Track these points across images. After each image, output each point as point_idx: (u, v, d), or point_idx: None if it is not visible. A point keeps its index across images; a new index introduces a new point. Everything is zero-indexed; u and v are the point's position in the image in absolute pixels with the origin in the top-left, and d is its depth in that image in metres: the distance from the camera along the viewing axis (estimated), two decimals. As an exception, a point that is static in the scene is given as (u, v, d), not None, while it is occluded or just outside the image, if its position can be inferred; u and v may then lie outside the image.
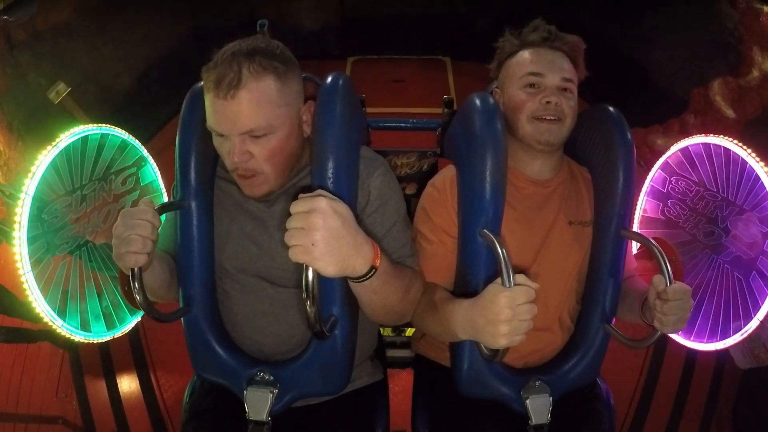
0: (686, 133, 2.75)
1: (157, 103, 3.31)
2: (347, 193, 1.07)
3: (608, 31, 3.39)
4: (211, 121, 1.05)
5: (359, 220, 1.09)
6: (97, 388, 2.35)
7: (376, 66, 4.17)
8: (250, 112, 1.01)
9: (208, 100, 1.04)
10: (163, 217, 1.19)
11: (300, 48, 1.12)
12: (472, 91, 1.22)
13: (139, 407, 2.34)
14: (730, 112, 2.66)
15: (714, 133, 1.48)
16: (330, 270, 0.88)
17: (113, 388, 2.37)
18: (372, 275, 0.95)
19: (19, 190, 1.35)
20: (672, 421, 2.31)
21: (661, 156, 1.63)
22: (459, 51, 4.29)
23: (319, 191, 0.89)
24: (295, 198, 0.88)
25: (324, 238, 0.85)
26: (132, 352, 2.45)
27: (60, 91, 2.53)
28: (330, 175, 1.06)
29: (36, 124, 2.37)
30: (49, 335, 1.41)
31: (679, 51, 2.94)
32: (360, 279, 0.96)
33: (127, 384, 2.40)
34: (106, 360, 2.41)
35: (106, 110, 2.88)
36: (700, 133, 1.52)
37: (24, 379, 2.14)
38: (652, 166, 1.65)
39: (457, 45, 4.29)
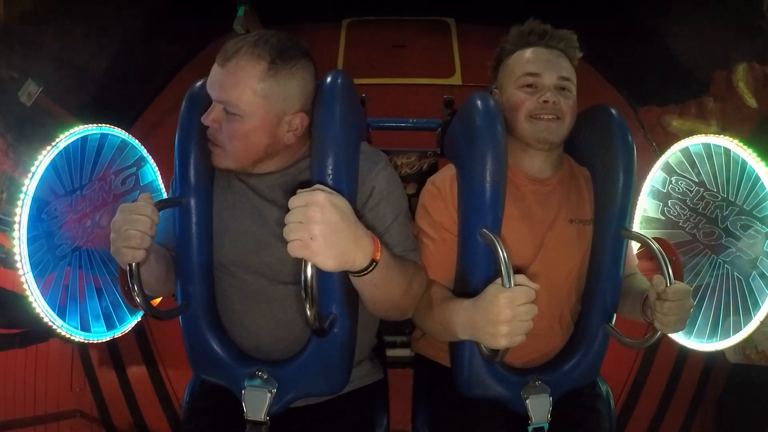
0: (704, 118, 2.66)
1: (138, 80, 3.19)
2: (347, 188, 1.07)
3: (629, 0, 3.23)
4: (207, 83, 1.09)
5: (360, 215, 1.09)
6: (109, 381, 2.36)
7: (374, 29, 3.88)
8: (228, 85, 1.04)
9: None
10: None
11: (291, 11, 1.13)
12: (477, 58, 1.21)
13: (150, 397, 2.35)
14: (752, 102, 2.52)
15: (733, 121, 1.47)
16: (329, 264, 0.88)
17: (124, 380, 2.38)
18: (373, 269, 0.95)
19: (12, 208, 1.35)
20: (659, 411, 2.35)
21: (674, 138, 1.60)
22: (464, 11, 3.93)
23: (317, 185, 0.89)
24: (294, 193, 0.89)
25: (323, 232, 0.86)
26: (139, 344, 2.46)
27: (31, 92, 2.39)
28: (330, 171, 1.06)
29: (14, 120, 2.31)
30: (54, 332, 1.42)
31: (703, 27, 2.72)
32: (361, 273, 0.96)
33: (137, 376, 2.40)
34: (114, 353, 2.42)
35: (84, 96, 2.77)
36: (719, 120, 1.51)
37: (38, 378, 2.16)
38: (665, 149, 1.63)
39: (462, 4, 3.91)
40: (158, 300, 1.46)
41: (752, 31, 2.54)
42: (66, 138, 1.42)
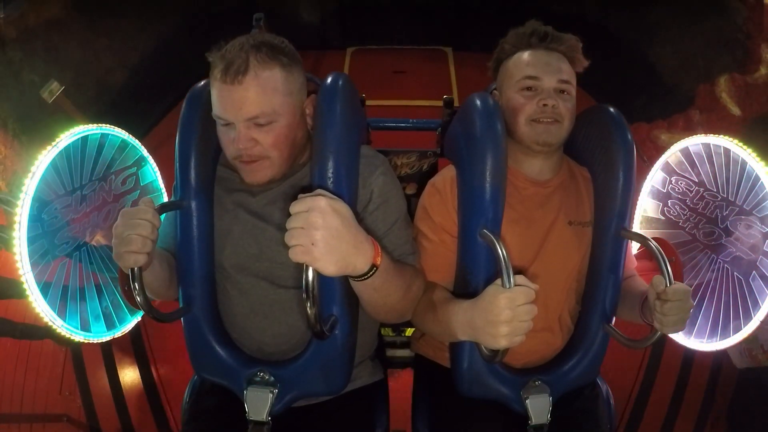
0: (691, 130, 2.75)
1: (152, 96, 3.28)
2: (347, 192, 1.07)
3: (613, 23, 3.31)
4: (217, 108, 1.07)
5: (360, 219, 1.09)
6: (100, 385, 2.36)
7: (376, 56, 4.11)
8: (256, 98, 1.03)
9: (215, 87, 1.06)
10: (164, 214, 1.19)
11: (298, 38, 1.14)
12: (473, 82, 1.22)
13: (141, 404, 2.35)
14: (736, 110, 2.63)
15: (719, 131, 1.48)
16: (330, 269, 0.88)
17: (116, 385, 2.38)
18: (373, 273, 0.96)
19: (16, 195, 1.35)
20: (668, 419, 2.33)
21: (664, 151, 1.62)
22: (461, 41, 4.23)
23: (319, 191, 0.89)
24: (295, 198, 0.89)
25: (324, 237, 0.86)
26: (134, 348, 2.47)
27: (53, 90, 2.48)
28: (330, 174, 1.06)
29: (31, 123, 2.36)
30: (51, 333, 1.42)
31: (685, 45, 2.87)
32: (361, 277, 0.96)
33: (130, 381, 2.41)
34: (108, 357, 2.42)
35: (100, 106, 2.85)
36: (705, 130, 1.52)
37: (27, 377, 2.16)
38: (655, 162, 1.64)
39: (458, 35, 4.21)
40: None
41: (731, 44, 2.65)
42: (66, 138, 1.42)
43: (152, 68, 3.29)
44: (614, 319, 1.26)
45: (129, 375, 2.41)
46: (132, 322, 1.61)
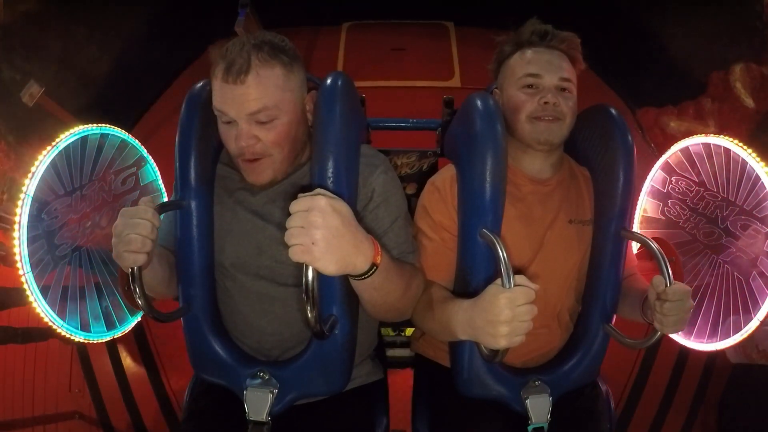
0: (701, 119, 2.66)
1: (139, 84, 3.22)
2: (347, 191, 1.07)
3: (624, 2, 3.14)
4: (219, 104, 1.08)
5: (360, 218, 1.09)
6: (108, 382, 2.38)
7: (374, 32, 3.90)
8: (257, 94, 1.04)
9: (217, 85, 1.07)
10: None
11: (291, 14, 1.13)
12: (476, 60, 1.20)
13: (149, 399, 2.37)
14: (749, 102, 2.53)
15: (731, 122, 1.47)
16: (330, 268, 0.88)
17: (123, 381, 2.40)
18: (373, 273, 0.96)
19: (9, 207, 1.35)
20: (661, 410, 2.36)
21: (672, 139, 1.60)
22: (463, 15, 3.98)
23: (319, 190, 0.89)
24: (294, 197, 0.89)
25: (324, 237, 0.86)
26: (138, 345, 2.48)
27: (33, 93, 2.40)
28: (330, 174, 1.06)
29: (16, 123, 2.32)
30: (54, 333, 1.43)
31: (700, 29, 2.73)
32: (361, 276, 0.96)
33: (137, 377, 2.42)
34: (114, 354, 2.44)
35: (86, 98, 2.78)
36: (716, 120, 1.51)
37: (37, 378, 2.17)
38: (663, 150, 1.64)
39: (460, 8, 3.97)
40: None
41: (749, 32, 2.54)
42: (66, 138, 1.42)
43: (137, 55, 3.18)
44: (614, 318, 1.26)
45: (135, 370, 2.43)
46: (132, 322, 1.62)
